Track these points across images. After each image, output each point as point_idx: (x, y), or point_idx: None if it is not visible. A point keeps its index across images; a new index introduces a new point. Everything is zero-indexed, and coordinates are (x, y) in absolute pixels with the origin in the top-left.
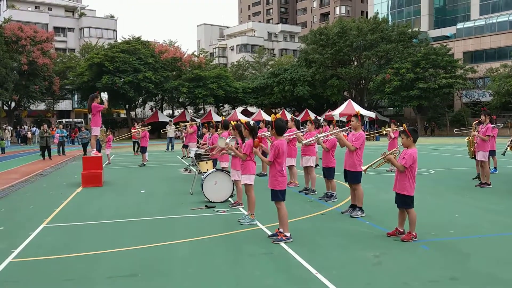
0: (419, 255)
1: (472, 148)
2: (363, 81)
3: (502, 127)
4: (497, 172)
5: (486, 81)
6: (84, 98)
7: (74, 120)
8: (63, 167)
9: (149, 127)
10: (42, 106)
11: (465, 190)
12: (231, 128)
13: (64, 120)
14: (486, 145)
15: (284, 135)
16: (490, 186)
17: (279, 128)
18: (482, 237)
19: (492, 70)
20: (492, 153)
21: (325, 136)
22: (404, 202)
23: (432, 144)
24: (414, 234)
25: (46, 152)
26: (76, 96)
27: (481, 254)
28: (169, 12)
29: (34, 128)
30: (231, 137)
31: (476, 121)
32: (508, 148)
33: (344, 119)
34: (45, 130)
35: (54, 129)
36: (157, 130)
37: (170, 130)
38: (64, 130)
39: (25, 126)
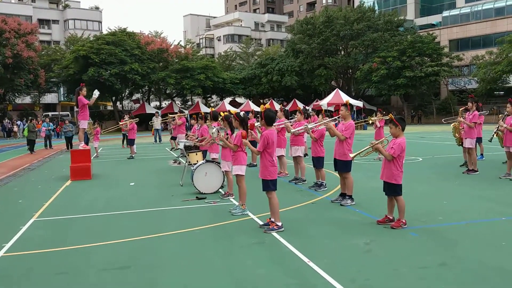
0: (409, 242)
1: (457, 134)
2: (350, 70)
3: (488, 114)
4: (483, 159)
5: (472, 68)
6: (70, 91)
7: (60, 113)
8: (51, 160)
9: (137, 119)
10: (27, 100)
11: (452, 177)
12: (220, 119)
13: (50, 113)
14: (473, 132)
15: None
16: (477, 172)
17: (268, 118)
18: (470, 223)
19: (477, 58)
20: (479, 140)
21: (315, 126)
22: (393, 190)
23: (419, 132)
24: (404, 221)
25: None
26: (62, 89)
27: (469, 240)
28: (154, 2)
29: (19, 121)
30: (220, 127)
31: (463, 108)
32: (495, 135)
33: (332, 108)
34: (34, 125)
35: (40, 122)
36: (144, 122)
37: (157, 122)
38: (51, 124)
39: (10, 120)
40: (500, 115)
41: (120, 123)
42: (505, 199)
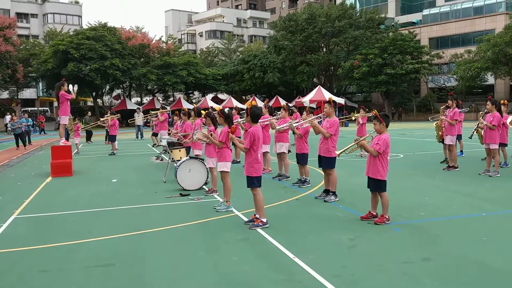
0: (392, 238)
1: (440, 132)
2: (332, 67)
3: (467, 111)
4: (463, 155)
5: (451, 66)
6: (49, 86)
7: (39, 108)
8: (30, 157)
9: (118, 115)
10: (5, 95)
11: (433, 173)
12: (203, 116)
13: (29, 109)
14: (454, 129)
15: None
16: (457, 169)
17: (254, 115)
18: (452, 219)
19: (457, 56)
20: (459, 137)
21: (298, 122)
22: (378, 186)
23: (400, 129)
24: (387, 217)
25: (25, 140)
26: (40, 84)
27: (451, 235)
28: None
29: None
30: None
31: (444, 106)
32: (475, 132)
33: (313, 105)
34: (89, 118)
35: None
36: (125, 118)
37: (138, 118)
38: (29, 119)
39: None
40: (481, 112)
41: (102, 119)
42: (485, 195)
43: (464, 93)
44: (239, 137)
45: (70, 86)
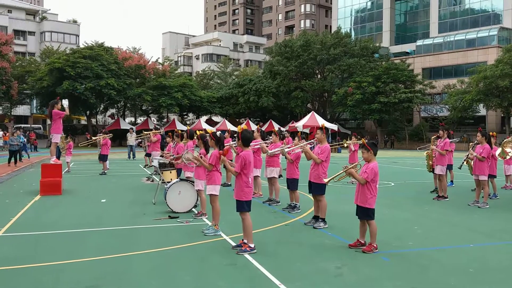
0: (380, 266)
1: (430, 162)
2: (326, 93)
3: (458, 141)
4: (453, 185)
5: (444, 96)
6: (43, 103)
7: (32, 126)
8: (20, 174)
9: (111, 134)
10: None
11: (423, 202)
12: (196, 137)
13: (22, 126)
14: (444, 159)
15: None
16: (447, 199)
17: (245, 139)
18: (440, 249)
19: (449, 86)
20: (450, 167)
21: (290, 148)
22: (366, 214)
23: (391, 157)
24: (375, 245)
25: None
26: (34, 101)
27: (439, 265)
28: (133, 19)
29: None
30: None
31: (435, 136)
32: (465, 162)
33: (307, 130)
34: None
35: (7, 134)
36: (118, 137)
37: (131, 138)
38: (22, 136)
39: None
40: (471, 144)
41: (93, 138)
42: (473, 226)
43: (456, 123)
44: (231, 160)
45: (64, 101)
